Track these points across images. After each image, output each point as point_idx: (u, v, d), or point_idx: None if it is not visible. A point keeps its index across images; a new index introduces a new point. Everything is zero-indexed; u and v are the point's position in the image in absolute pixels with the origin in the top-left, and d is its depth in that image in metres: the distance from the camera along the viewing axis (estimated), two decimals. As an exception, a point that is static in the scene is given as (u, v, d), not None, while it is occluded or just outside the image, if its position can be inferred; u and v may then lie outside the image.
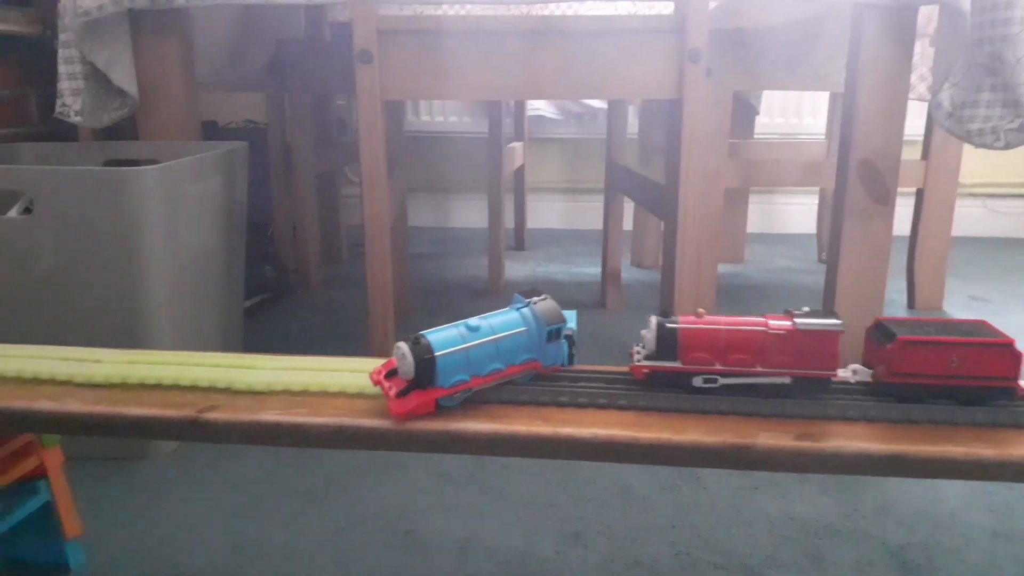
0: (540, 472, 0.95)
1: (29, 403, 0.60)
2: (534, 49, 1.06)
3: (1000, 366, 0.54)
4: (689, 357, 0.57)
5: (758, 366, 0.57)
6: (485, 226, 2.53)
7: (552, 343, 0.59)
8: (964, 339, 0.54)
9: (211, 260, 1.08)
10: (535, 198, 2.42)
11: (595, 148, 2.39)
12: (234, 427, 0.58)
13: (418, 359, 0.54)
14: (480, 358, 0.56)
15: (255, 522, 0.85)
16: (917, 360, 0.55)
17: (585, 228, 2.45)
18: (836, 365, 0.56)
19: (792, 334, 0.56)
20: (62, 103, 1.11)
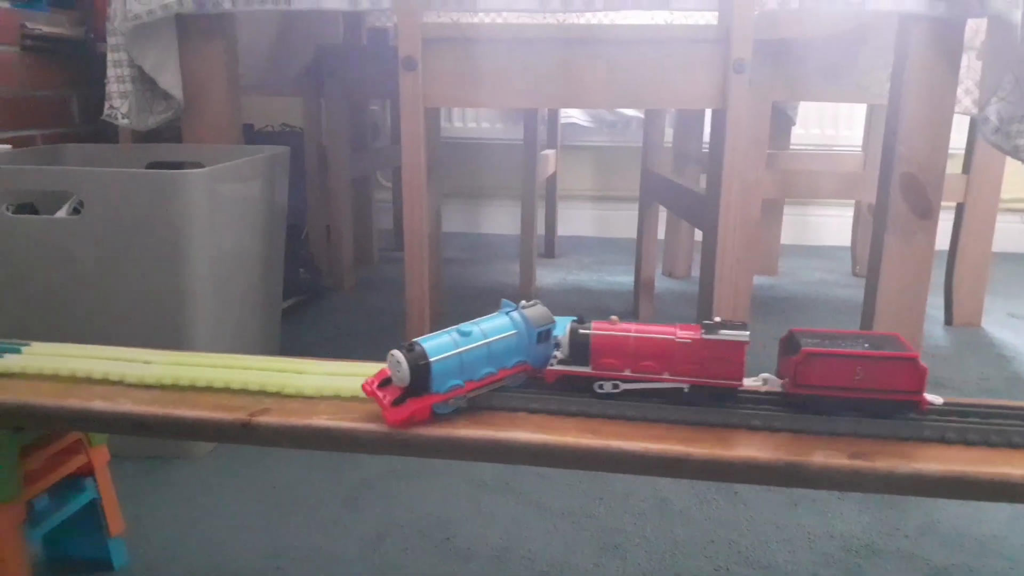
0: (576, 483, 0.95)
1: (83, 402, 0.61)
2: (577, 58, 1.06)
3: (905, 380, 0.54)
4: (600, 363, 0.58)
5: (666, 373, 0.58)
6: (515, 232, 2.54)
7: (542, 344, 0.60)
8: (868, 352, 0.55)
9: (252, 263, 1.09)
10: (566, 205, 2.41)
11: (627, 156, 2.39)
12: (285, 431, 0.58)
13: (413, 365, 0.54)
14: (473, 362, 0.57)
15: (294, 525, 0.86)
16: (821, 372, 0.55)
17: (615, 236, 2.45)
18: (741, 375, 0.57)
19: (698, 343, 0.56)
20: (110, 105, 1.13)
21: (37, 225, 0.92)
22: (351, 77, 1.75)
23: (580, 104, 1.09)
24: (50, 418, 0.61)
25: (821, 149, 2.28)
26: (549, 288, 1.84)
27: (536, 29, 1.06)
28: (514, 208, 2.51)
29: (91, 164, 1.22)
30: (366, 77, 1.77)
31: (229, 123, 1.23)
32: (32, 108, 1.88)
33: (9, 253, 0.93)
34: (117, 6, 1.10)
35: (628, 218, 2.44)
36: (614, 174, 2.43)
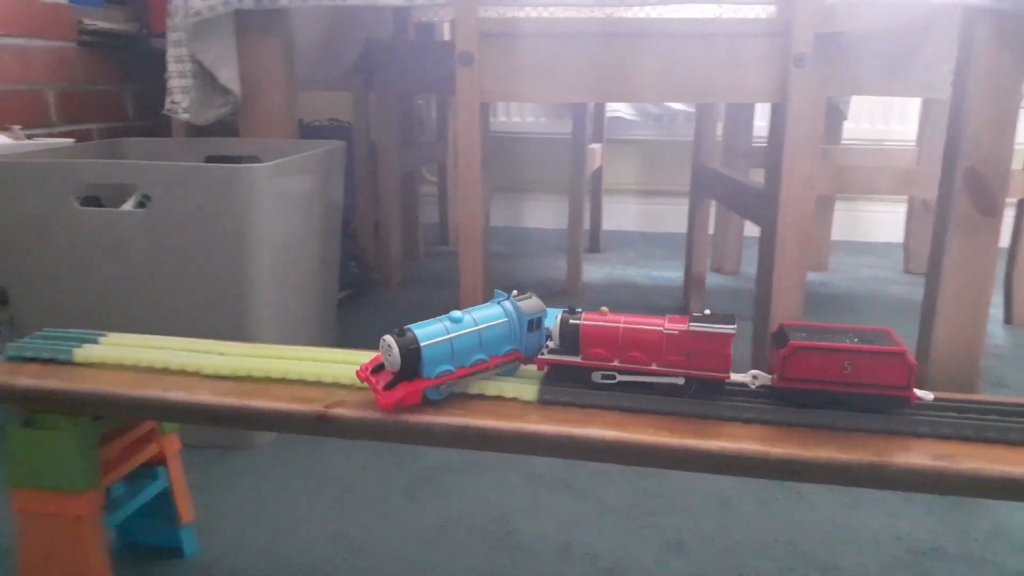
0: (633, 479, 0.95)
1: (162, 393, 0.62)
2: (634, 52, 1.05)
3: (894, 375, 0.54)
4: (589, 353, 0.59)
5: (654, 364, 0.58)
6: (558, 227, 2.53)
7: (533, 333, 0.61)
8: (856, 347, 0.54)
9: (310, 256, 1.10)
10: (611, 200, 2.40)
11: (673, 150, 2.37)
12: (360, 424, 0.59)
13: (404, 350, 0.55)
14: (464, 349, 0.58)
15: (355, 516, 0.87)
16: (809, 366, 0.55)
17: (661, 231, 2.43)
18: (728, 368, 0.57)
19: (685, 335, 0.57)
20: (171, 100, 1.14)
21: (105, 218, 0.94)
22: (400, 72, 1.76)
23: (636, 98, 1.08)
24: (130, 408, 0.63)
25: (873, 144, 2.23)
26: (596, 283, 1.83)
27: (593, 23, 1.05)
28: (556, 202, 2.50)
29: (150, 158, 1.24)
30: (414, 72, 1.78)
31: (285, 117, 1.24)
32: (89, 102, 1.92)
33: (77, 245, 0.95)
34: (179, 2, 1.11)
35: (674, 213, 2.42)
36: (660, 168, 2.41)
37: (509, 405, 0.60)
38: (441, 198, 2.34)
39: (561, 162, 2.45)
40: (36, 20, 1.73)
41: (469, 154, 1.08)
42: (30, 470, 0.66)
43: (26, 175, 0.93)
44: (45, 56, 1.76)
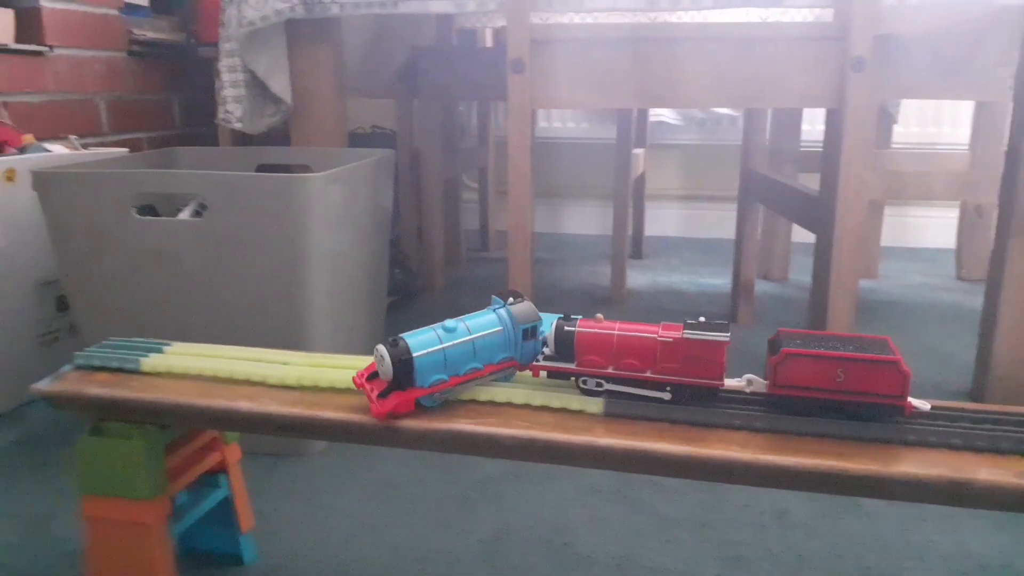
0: (690, 492, 0.93)
1: (229, 403, 0.62)
2: (687, 57, 1.04)
3: (888, 383, 0.53)
4: (584, 360, 0.59)
5: (649, 372, 0.58)
6: (597, 232, 2.52)
7: (528, 341, 0.60)
8: (849, 354, 0.53)
9: (361, 263, 1.11)
10: (653, 205, 2.39)
11: (717, 155, 2.35)
12: (425, 434, 0.59)
13: (396, 360, 0.56)
14: (457, 358, 0.58)
15: (412, 525, 0.86)
16: (801, 373, 0.55)
17: (704, 237, 2.41)
18: (722, 375, 0.57)
19: (679, 343, 0.56)
20: (224, 110, 1.15)
21: (163, 227, 0.95)
22: (444, 78, 1.76)
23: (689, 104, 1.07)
24: (198, 418, 0.63)
25: (923, 148, 2.19)
26: (640, 290, 1.81)
27: (645, 28, 1.04)
28: (595, 208, 2.49)
29: (202, 167, 1.26)
30: (459, 78, 1.78)
31: (335, 126, 1.25)
32: (138, 111, 1.95)
33: (135, 253, 0.96)
34: (232, 12, 1.13)
35: (718, 218, 2.40)
36: (703, 173, 2.39)
37: (575, 418, 0.59)
38: (482, 204, 2.34)
39: (602, 167, 2.44)
40: (89, 31, 1.76)
41: (520, 160, 1.07)
42: (99, 477, 0.66)
43: (87, 185, 0.94)
44: (97, 66, 1.80)
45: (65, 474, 0.99)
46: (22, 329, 1.18)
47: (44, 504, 0.92)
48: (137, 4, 1.94)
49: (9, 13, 1.55)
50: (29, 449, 1.06)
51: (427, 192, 1.81)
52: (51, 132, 1.64)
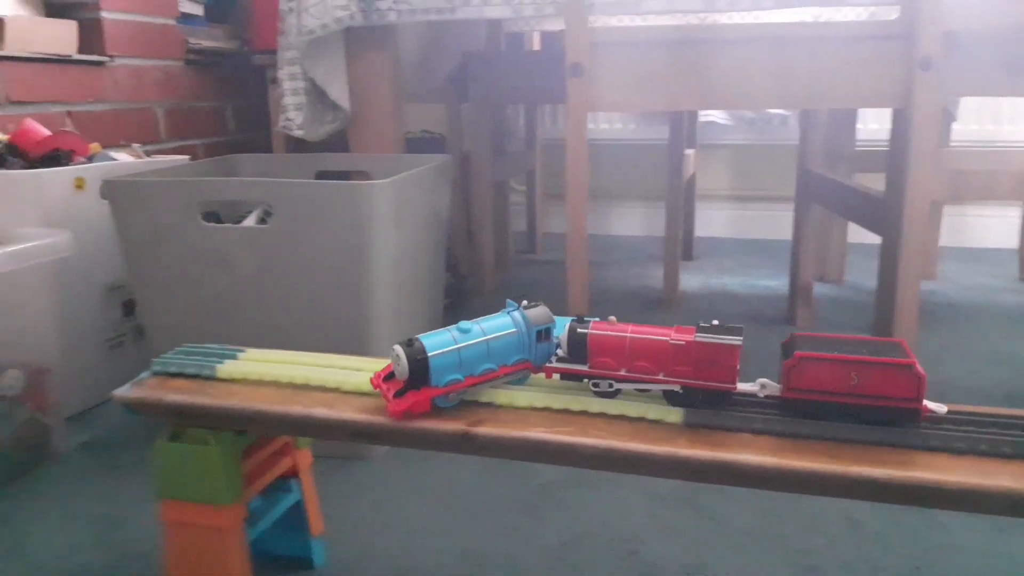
0: (758, 500, 0.92)
1: (307, 409, 0.63)
2: (749, 58, 1.03)
3: (902, 387, 0.53)
4: (597, 362, 0.59)
5: (661, 374, 0.58)
6: (644, 234, 2.50)
7: (542, 343, 0.61)
8: (863, 358, 0.53)
9: (421, 268, 1.11)
10: (703, 206, 2.36)
11: (768, 155, 2.31)
12: (502, 442, 0.59)
13: (412, 360, 0.57)
14: (472, 358, 0.59)
15: (478, 530, 0.86)
16: (815, 376, 0.55)
17: (755, 238, 2.38)
18: (734, 378, 0.56)
19: (691, 346, 0.56)
20: (285, 117, 1.17)
21: (230, 233, 0.96)
22: (494, 82, 1.76)
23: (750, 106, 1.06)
24: (276, 424, 0.64)
25: (983, 145, 2.13)
26: (693, 292, 1.79)
27: (706, 30, 1.03)
28: (642, 209, 2.47)
29: (264, 174, 1.28)
30: (507, 82, 1.78)
31: (392, 132, 1.26)
32: (194, 118, 1.99)
33: (202, 259, 0.97)
34: (292, 21, 1.14)
35: (769, 219, 2.36)
36: (754, 173, 2.36)
37: (654, 428, 0.58)
38: (529, 207, 2.33)
39: (649, 168, 2.42)
40: (147, 41, 1.80)
41: (577, 164, 1.07)
42: (177, 482, 0.68)
43: (156, 193, 0.96)
44: (155, 75, 1.84)
45: (135, 477, 1.01)
46: (91, 333, 1.21)
47: (117, 506, 0.93)
48: (192, 13, 1.97)
49: (72, 25, 1.59)
50: (99, 451, 1.08)
51: (477, 195, 1.82)
52: (112, 140, 1.68)
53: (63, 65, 1.58)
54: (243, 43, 2.10)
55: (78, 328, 1.18)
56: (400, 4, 1.13)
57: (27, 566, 0.82)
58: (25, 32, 1.48)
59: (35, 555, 0.84)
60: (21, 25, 1.47)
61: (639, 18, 1.81)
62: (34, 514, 0.92)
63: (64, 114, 1.59)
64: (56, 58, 1.55)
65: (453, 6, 1.11)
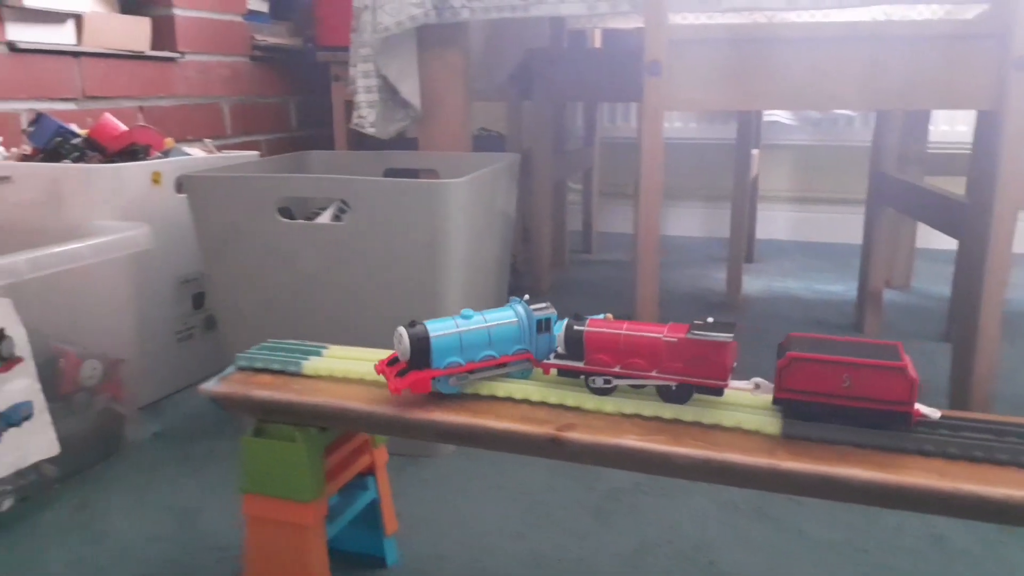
0: (835, 512, 0.89)
1: (396, 409, 0.62)
2: (833, 58, 1.00)
3: (894, 390, 0.52)
4: (592, 358, 0.60)
5: (654, 371, 0.58)
6: (702, 235, 2.47)
7: (543, 335, 0.63)
8: (855, 360, 0.53)
9: (489, 267, 1.11)
10: (764, 207, 2.32)
11: (833, 156, 2.26)
12: (593, 449, 0.58)
13: (414, 340, 0.59)
14: (473, 343, 0.61)
15: (549, 534, 0.86)
16: (807, 377, 0.54)
17: (817, 241, 2.33)
18: (725, 376, 0.56)
19: (684, 343, 0.57)
20: (358, 115, 1.17)
21: (307, 230, 0.97)
22: (557, 80, 1.75)
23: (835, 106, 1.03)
24: (364, 423, 0.64)
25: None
26: (756, 296, 1.76)
27: (789, 28, 1.00)
28: (700, 209, 2.44)
29: (333, 171, 1.29)
30: (570, 80, 1.77)
31: (461, 130, 1.25)
32: (258, 114, 2.02)
33: (277, 255, 0.98)
34: (367, 19, 1.14)
35: (831, 221, 2.31)
36: (818, 174, 2.31)
37: (752, 439, 0.57)
38: (585, 205, 2.32)
39: (708, 168, 2.39)
40: (216, 37, 1.83)
41: (653, 164, 1.05)
42: (260, 477, 0.68)
43: (235, 188, 0.97)
44: (222, 70, 1.86)
45: (206, 468, 1.02)
46: (162, 325, 1.23)
47: (191, 498, 0.95)
48: (258, 10, 2.00)
49: (146, 21, 1.62)
50: (169, 442, 1.10)
51: (537, 194, 1.81)
52: (180, 134, 1.71)
53: (137, 61, 1.61)
54: (306, 40, 2.12)
55: (151, 320, 1.20)
56: (473, 2, 1.12)
57: (110, 554, 0.83)
58: (102, 28, 1.51)
59: (116, 543, 0.85)
60: (99, 22, 1.50)
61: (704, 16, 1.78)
62: (112, 502, 0.94)
63: (136, 109, 1.63)
64: (130, 54, 1.58)
65: (527, 3, 1.10)
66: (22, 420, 0.88)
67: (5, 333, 0.86)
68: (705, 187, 2.41)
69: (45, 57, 1.41)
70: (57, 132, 1.21)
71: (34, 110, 1.39)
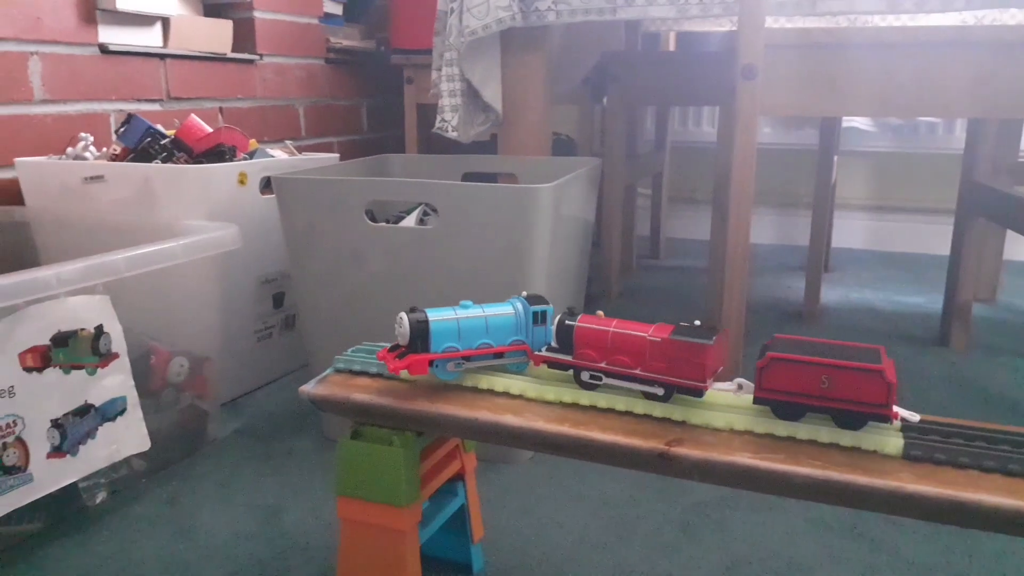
0: (933, 534, 0.86)
1: (495, 416, 0.62)
2: (937, 63, 0.96)
3: (872, 392, 0.53)
4: (582, 353, 0.63)
5: (639, 369, 0.60)
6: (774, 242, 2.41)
7: (539, 327, 0.66)
8: (834, 361, 0.54)
9: (571, 273, 1.10)
10: (839, 215, 2.26)
11: (913, 163, 2.20)
12: (703, 465, 0.56)
13: (413, 323, 0.62)
14: (470, 330, 0.64)
15: (634, 547, 0.84)
16: (786, 378, 0.56)
17: (894, 250, 2.26)
18: (704, 377, 0.58)
19: (666, 343, 0.59)
20: (441, 119, 1.17)
21: (395, 233, 0.97)
22: (633, 83, 1.73)
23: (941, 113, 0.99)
24: (461, 429, 0.63)
25: None
26: (834, 306, 1.72)
27: (893, 33, 0.97)
28: (772, 216, 2.39)
29: (413, 174, 1.29)
30: (645, 83, 1.75)
31: (541, 134, 1.24)
32: (331, 116, 2.04)
33: (363, 257, 0.99)
34: (453, 22, 1.14)
35: (909, 230, 2.25)
36: (897, 182, 2.24)
37: (870, 459, 0.54)
38: (654, 210, 2.29)
39: (782, 173, 2.34)
40: (293, 40, 1.85)
41: (745, 169, 1.03)
42: (357, 481, 0.68)
43: (324, 191, 0.98)
44: (298, 72, 1.89)
45: (287, 467, 1.03)
46: (244, 324, 1.25)
47: (274, 496, 0.96)
48: (333, 13, 2.02)
49: (228, 24, 1.65)
50: (250, 439, 1.11)
51: (607, 199, 1.79)
52: (257, 135, 1.73)
53: (218, 63, 1.64)
54: (379, 42, 2.14)
55: (234, 318, 1.22)
56: (560, 4, 1.11)
57: (200, 551, 0.85)
58: (187, 31, 1.54)
59: (205, 540, 0.87)
60: (185, 24, 1.54)
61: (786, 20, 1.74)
62: (198, 498, 0.95)
63: (216, 109, 1.66)
64: (212, 56, 1.62)
65: (615, 6, 1.09)
66: (117, 415, 0.90)
67: (104, 329, 0.88)
68: (777, 193, 2.36)
69: (133, 59, 1.45)
70: (147, 133, 1.24)
71: (122, 110, 1.43)
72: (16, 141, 1.26)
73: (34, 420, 0.81)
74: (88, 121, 1.37)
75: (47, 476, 0.83)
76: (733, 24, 1.89)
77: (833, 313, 1.66)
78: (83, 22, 1.35)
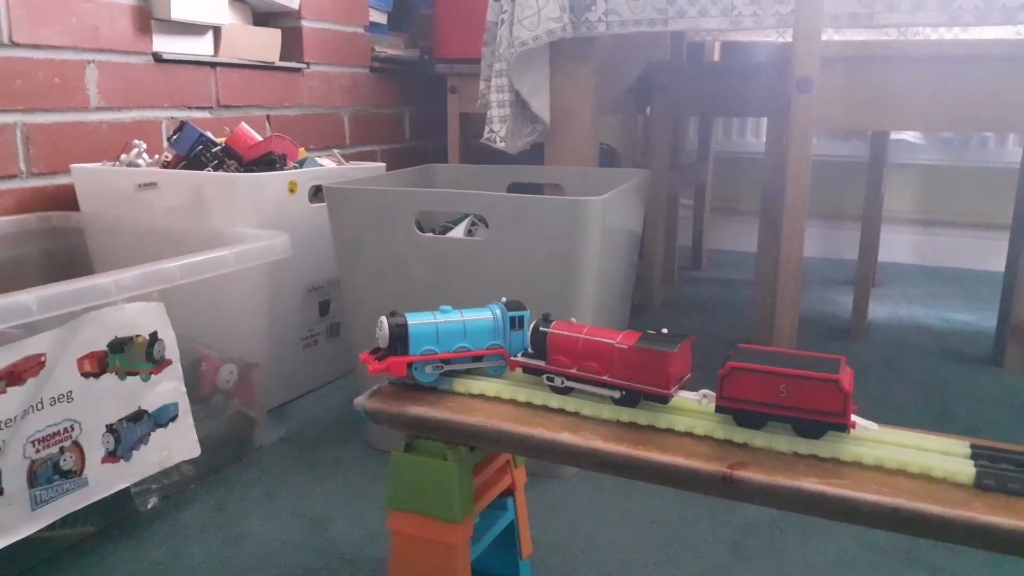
0: (992, 560, 0.83)
1: (551, 433, 0.61)
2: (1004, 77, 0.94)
3: (828, 401, 0.54)
4: (554, 359, 0.64)
5: (607, 375, 0.62)
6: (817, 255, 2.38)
7: (516, 332, 0.68)
8: (791, 371, 0.55)
9: (619, 285, 1.09)
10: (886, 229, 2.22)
11: (962, 177, 2.15)
12: (766, 490, 0.55)
13: (393, 326, 0.64)
14: (449, 334, 0.66)
15: (685, 567, 0.83)
16: (745, 387, 0.57)
17: (941, 266, 2.21)
18: (667, 384, 0.59)
19: (632, 351, 0.61)
20: (490, 129, 1.17)
21: (445, 244, 0.97)
22: (678, 93, 1.72)
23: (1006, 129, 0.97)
24: (515, 445, 0.63)
25: None
26: (882, 323, 1.68)
27: (954, 46, 0.95)
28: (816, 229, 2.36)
29: (459, 184, 1.29)
30: (690, 93, 1.73)
31: (589, 145, 1.24)
32: (375, 124, 2.05)
33: (412, 267, 0.99)
34: (503, 33, 1.14)
35: (958, 245, 2.20)
36: (946, 196, 2.20)
37: (940, 487, 0.53)
38: (696, 221, 2.27)
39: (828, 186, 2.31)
40: (339, 48, 1.87)
41: (799, 183, 1.01)
42: (409, 494, 0.68)
43: (376, 201, 0.98)
44: (343, 81, 1.91)
45: (333, 476, 1.03)
46: (291, 331, 1.26)
47: (320, 505, 0.96)
48: (377, 22, 2.04)
49: (277, 33, 1.67)
50: (296, 447, 1.12)
51: (651, 209, 1.78)
52: (304, 143, 1.75)
53: (266, 71, 1.66)
54: (422, 52, 2.15)
55: (281, 326, 1.23)
56: (610, 15, 1.11)
57: (249, 558, 0.85)
58: (237, 40, 1.57)
59: (254, 547, 0.87)
60: (235, 33, 1.56)
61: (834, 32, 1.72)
62: (246, 506, 0.96)
63: (263, 118, 1.68)
64: (261, 64, 1.64)
65: (666, 17, 1.08)
66: (168, 421, 0.91)
67: (158, 336, 0.89)
68: (823, 205, 2.32)
69: (185, 67, 1.47)
70: (199, 140, 1.25)
71: (174, 118, 1.45)
72: (72, 148, 1.29)
73: (90, 425, 0.82)
74: (141, 128, 1.40)
75: (101, 481, 0.84)
76: (781, 35, 1.87)
77: (882, 329, 1.63)
78: (138, 31, 1.37)
